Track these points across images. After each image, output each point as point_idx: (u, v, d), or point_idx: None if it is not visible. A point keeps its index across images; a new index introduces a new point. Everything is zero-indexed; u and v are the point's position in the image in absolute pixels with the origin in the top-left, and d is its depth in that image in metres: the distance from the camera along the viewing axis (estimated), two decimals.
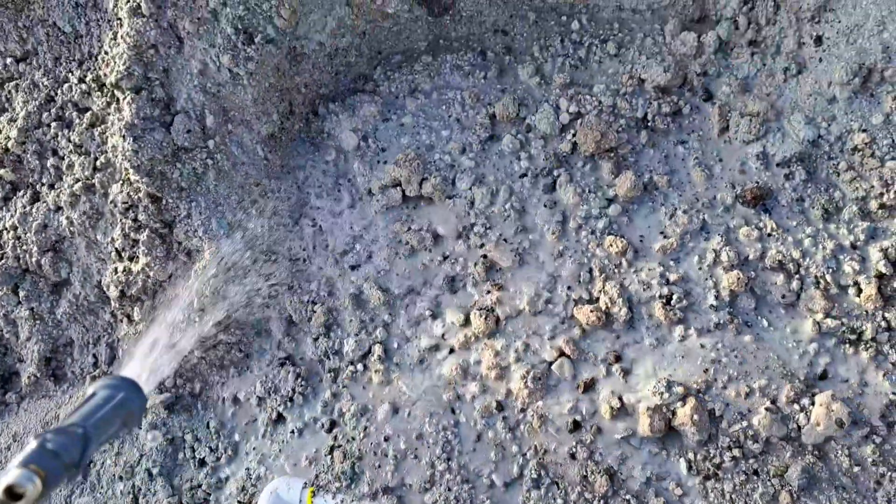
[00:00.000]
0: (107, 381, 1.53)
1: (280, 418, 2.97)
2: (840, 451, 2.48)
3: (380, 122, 3.36)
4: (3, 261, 3.40)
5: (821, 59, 2.97)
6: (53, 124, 3.31)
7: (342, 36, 3.29)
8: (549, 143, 3.18)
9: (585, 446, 2.61)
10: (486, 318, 2.90)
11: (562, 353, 2.81)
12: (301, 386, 2.99)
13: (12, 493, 0.92)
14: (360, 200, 3.28)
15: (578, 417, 2.68)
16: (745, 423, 2.54)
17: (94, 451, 1.26)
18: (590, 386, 2.73)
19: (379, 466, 2.73)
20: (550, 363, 2.79)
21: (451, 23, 3.43)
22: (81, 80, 3.25)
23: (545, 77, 3.31)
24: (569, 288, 2.92)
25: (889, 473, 2.43)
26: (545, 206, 3.08)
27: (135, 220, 3.10)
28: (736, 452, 2.50)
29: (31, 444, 1.10)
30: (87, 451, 1.23)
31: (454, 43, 3.49)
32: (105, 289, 3.25)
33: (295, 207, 3.30)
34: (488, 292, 3.01)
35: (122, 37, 2.98)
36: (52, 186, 3.36)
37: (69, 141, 3.28)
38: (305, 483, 2.77)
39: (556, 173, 3.12)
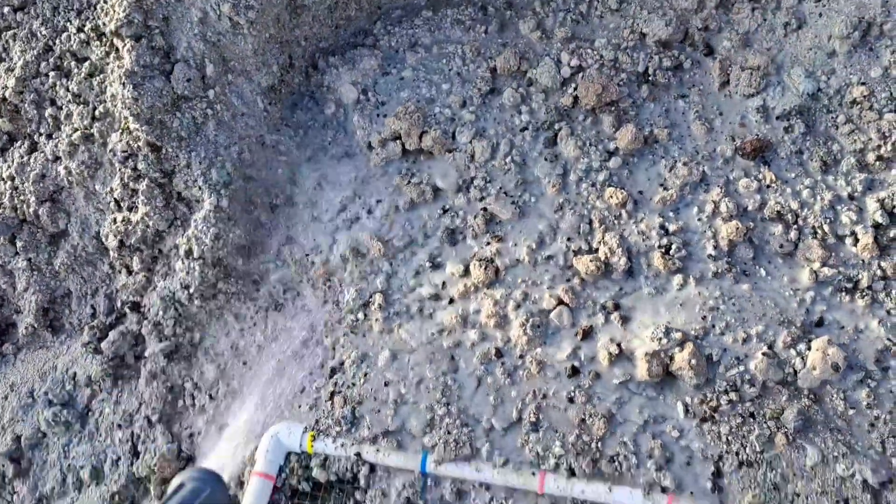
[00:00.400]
0: (195, 473, 1.50)
1: (280, 365, 2.98)
2: (835, 395, 2.51)
3: (380, 76, 3.35)
4: (1, 211, 3.38)
5: (820, 14, 2.98)
6: (52, 74, 3.28)
7: None
8: (550, 97, 3.18)
9: (584, 391, 2.64)
10: (485, 269, 2.91)
11: (560, 302, 2.82)
12: (301, 334, 3.00)
13: None
14: (360, 154, 3.28)
15: (577, 363, 2.70)
16: (741, 368, 2.56)
17: None
18: (588, 333, 2.75)
19: (379, 411, 2.75)
20: (549, 311, 2.81)
21: None
22: (80, 30, 3.23)
23: (546, 31, 3.31)
24: (568, 239, 2.94)
25: (883, 416, 2.46)
26: (546, 159, 3.09)
27: (134, 169, 3.09)
28: (733, 396, 2.53)
29: None
30: None
31: None
32: (104, 239, 3.24)
33: (295, 161, 3.29)
34: (488, 244, 3.02)
35: None
36: (50, 136, 3.35)
37: (68, 90, 3.26)
38: (306, 428, 2.79)
39: (556, 126, 3.13)
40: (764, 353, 2.55)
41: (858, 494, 2.39)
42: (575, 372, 2.69)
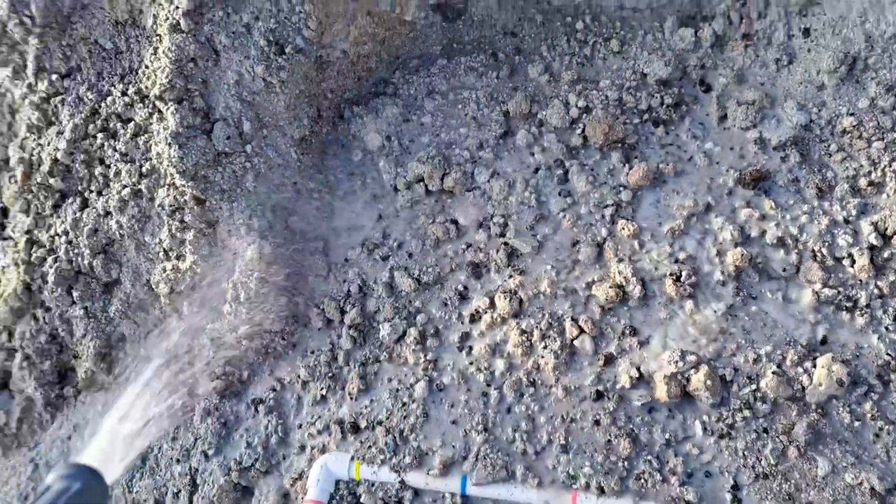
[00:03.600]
0: (64, 471, 1.46)
1: (323, 399, 3.22)
2: (841, 409, 2.72)
3: (402, 123, 3.60)
4: (57, 264, 3.64)
5: (809, 50, 3.21)
6: (99, 135, 3.55)
7: (364, 44, 3.53)
8: (561, 137, 3.41)
9: (609, 413, 2.86)
10: (510, 301, 3.14)
11: (582, 331, 3.05)
12: (342, 369, 3.23)
13: None
14: (388, 196, 3.52)
15: (601, 388, 2.92)
16: (753, 387, 2.78)
17: None
18: (610, 359, 2.97)
19: (419, 438, 2.98)
20: (572, 340, 3.04)
21: (464, 27, 3.67)
22: (124, 93, 3.49)
23: (554, 75, 3.55)
24: (585, 270, 3.17)
25: (886, 427, 2.68)
26: (560, 194, 3.32)
27: (181, 221, 3.34)
28: (747, 413, 2.75)
29: None
30: None
31: (467, 46, 3.73)
32: (154, 286, 3.49)
33: (328, 206, 3.54)
34: (510, 277, 3.25)
35: (163, 52, 3.22)
36: (100, 193, 3.61)
37: (115, 150, 3.52)
38: (352, 457, 3.03)
39: (567, 164, 3.36)
40: (774, 372, 2.77)
41: (867, 501, 2.60)
42: (599, 396, 2.91)
